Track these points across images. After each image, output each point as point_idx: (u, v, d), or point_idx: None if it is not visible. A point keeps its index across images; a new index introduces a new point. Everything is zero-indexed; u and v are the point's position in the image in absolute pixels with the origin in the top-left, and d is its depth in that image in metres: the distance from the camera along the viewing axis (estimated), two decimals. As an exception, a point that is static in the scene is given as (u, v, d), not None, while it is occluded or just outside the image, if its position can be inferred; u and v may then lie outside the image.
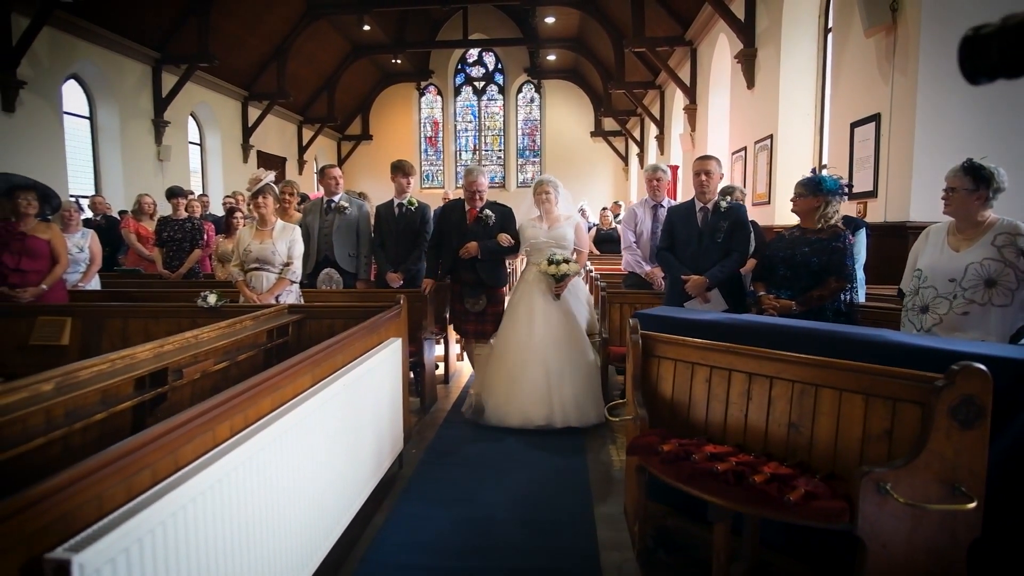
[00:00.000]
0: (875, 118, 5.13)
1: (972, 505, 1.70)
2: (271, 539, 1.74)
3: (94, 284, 4.94)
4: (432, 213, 5.03)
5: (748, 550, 2.28)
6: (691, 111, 10.73)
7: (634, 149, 16.45)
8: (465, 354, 4.71)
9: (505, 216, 4.41)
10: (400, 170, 4.76)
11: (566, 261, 4.07)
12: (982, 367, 1.71)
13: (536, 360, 4.05)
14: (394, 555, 2.48)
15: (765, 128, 7.65)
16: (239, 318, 3.13)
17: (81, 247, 4.81)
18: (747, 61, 8.05)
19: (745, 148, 8.39)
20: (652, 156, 14.50)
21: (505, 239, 4.30)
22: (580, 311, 4.29)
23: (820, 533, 2.07)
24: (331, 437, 2.25)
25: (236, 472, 1.53)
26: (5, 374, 3.13)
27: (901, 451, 1.87)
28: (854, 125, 5.48)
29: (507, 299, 4.59)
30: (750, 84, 8.13)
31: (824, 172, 3.14)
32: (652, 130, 13.97)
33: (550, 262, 4.07)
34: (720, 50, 9.43)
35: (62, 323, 3.52)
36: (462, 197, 4.50)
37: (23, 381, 1.75)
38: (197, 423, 1.48)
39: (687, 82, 10.71)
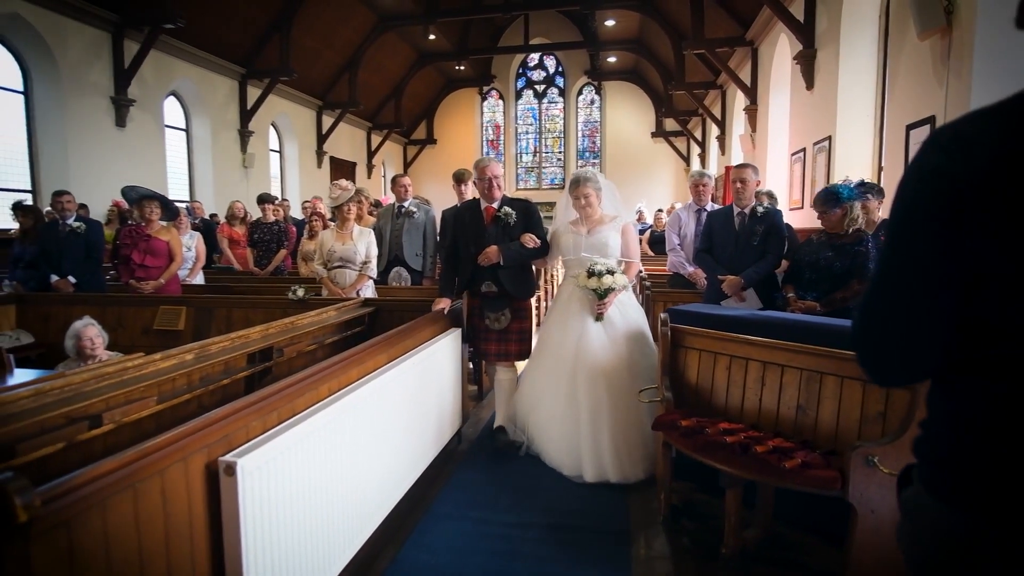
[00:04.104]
0: (930, 120, 5.15)
1: (949, 476, 1.94)
2: (358, 479, 2.20)
3: (198, 279, 5.68)
4: None
5: (760, 520, 2.57)
6: (752, 112, 10.69)
7: (695, 150, 16.36)
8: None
9: (528, 212, 3.70)
10: (454, 178, 5.19)
11: (610, 272, 3.30)
12: (962, 357, 1.94)
13: (568, 399, 3.34)
14: (455, 508, 2.92)
15: (823, 129, 7.64)
16: (325, 308, 3.66)
17: (189, 247, 5.53)
18: (806, 62, 8.04)
19: (804, 149, 8.38)
20: (713, 156, 14.45)
21: (530, 240, 3.59)
22: (632, 337, 3.40)
23: (827, 508, 2.33)
24: (402, 405, 2.71)
25: (334, 422, 1.99)
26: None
27: (893, 431, 2.12)
28: (910, 127, 5.49)
29: (537, 315, 4.23)
30: (809, 85, 8.12)
31: (839, 181, 3.33)
32: (713, 130, 13.91)
33: (590, 274, 3.30)
34: (780, 51, 9.40)
35: (179, 311, 4.18)
36: (476, 197, 3.85)
37: (175, 351, 2.29)
38: (307, 382, 1.95)
39: (748, 83, 10.68)
